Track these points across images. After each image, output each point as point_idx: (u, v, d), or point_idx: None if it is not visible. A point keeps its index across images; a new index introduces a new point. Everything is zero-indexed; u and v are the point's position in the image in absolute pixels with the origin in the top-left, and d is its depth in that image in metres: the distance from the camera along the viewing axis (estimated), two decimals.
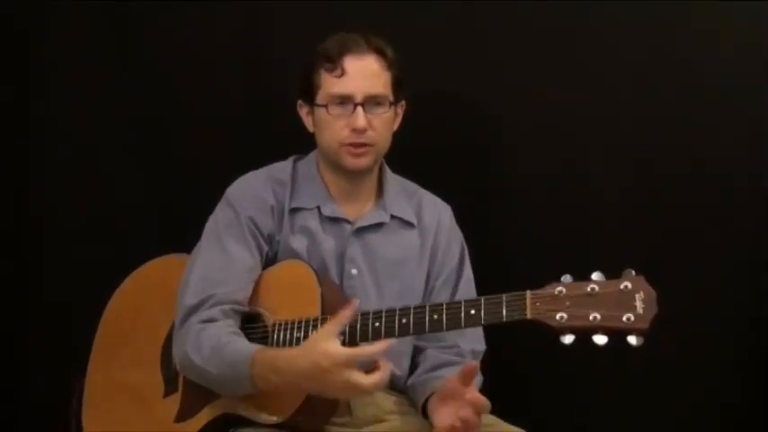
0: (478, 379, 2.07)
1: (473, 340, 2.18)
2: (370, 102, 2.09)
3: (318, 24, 2.45)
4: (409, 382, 2.17)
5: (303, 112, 2.19)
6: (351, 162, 2.12)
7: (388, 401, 2.14)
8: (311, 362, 1.83)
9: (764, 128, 2.50)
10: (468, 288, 2.23)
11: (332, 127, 2.11)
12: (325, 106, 2.10)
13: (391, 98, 2.13)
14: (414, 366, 2.19)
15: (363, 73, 2.10)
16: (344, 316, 1.86)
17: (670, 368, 2.52)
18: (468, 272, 2.25)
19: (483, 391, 2.18)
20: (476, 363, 2.00)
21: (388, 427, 2.11)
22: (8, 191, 2.75)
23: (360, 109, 2.08)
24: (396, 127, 2.20)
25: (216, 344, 1.97)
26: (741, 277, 2.54)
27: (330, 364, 1.81)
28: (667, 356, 2.47)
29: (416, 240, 2.21)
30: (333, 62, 2.09)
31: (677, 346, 2.47)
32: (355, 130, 2.08)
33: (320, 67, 2.11)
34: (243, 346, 1.97)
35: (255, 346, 1.95)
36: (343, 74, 2.09)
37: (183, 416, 2.07)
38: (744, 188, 2.53)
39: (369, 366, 1.84)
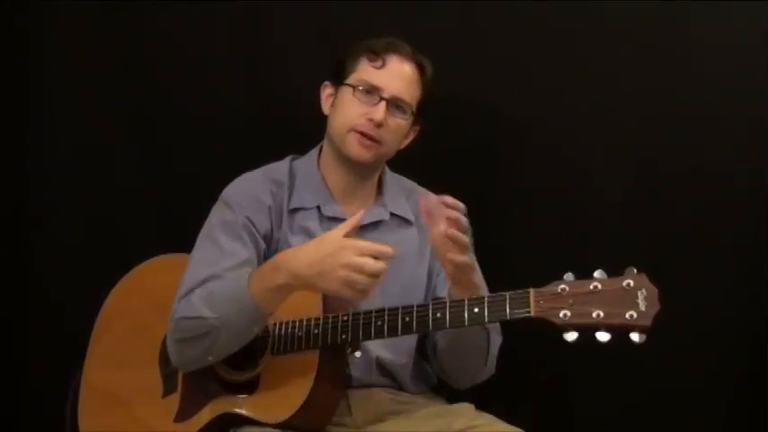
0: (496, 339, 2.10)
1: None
2: (394, 103, 2.12)
3: (318, 24, 2.45)
4: (438, 351, 2.15)
5: (325, 93, 2.21)
6: (355, 149, 2.13)
7: (387, 401, 2.13)
8: (315, 246, 1.89)
9: (764, 128, 2.50)
10: None
11: (349, 110, 2.13)
12: (354, 88, 2.12)
13: (414, 110, 2.16)
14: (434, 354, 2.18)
15: (400, 74, 2.14)
16: (355, 219, 1.91)
17: (670, 368, 2.51)
18: None
19: (485, 388, 2.19)
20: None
21: (387, 427, 2.10)
22: (8, 191, 2.75)
23: (383, 103, 2.11)
24: (403, 146, 2.22)
25: (216, 290, 1.98)
26: (741, 277, 2.54)
27: (336, 247, 1.85)
28: (667, 356, 2.47)
29: (415, 237, 2.22)
30: (377, 54, 2.14)
31: (677, 345, 2.46)
32: (371, 121, 2.11)
33: (362, 56, 2.15)
34: (237, 278, 1.98)
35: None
36: (383, 66, 2.13)
37: (182, 415, 2.07)
38: (744, 188, 2.52)
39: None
